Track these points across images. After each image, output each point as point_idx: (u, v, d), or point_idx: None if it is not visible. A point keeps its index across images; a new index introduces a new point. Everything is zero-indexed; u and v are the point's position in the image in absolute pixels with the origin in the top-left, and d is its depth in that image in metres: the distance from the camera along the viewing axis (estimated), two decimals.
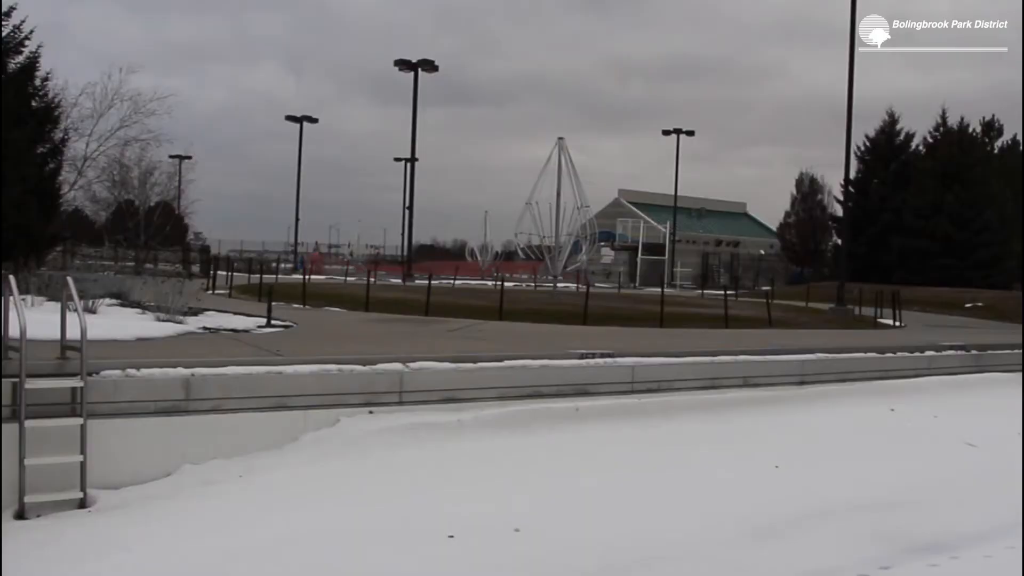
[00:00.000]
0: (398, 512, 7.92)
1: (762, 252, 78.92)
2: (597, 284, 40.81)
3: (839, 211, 60.45)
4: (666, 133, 70.15)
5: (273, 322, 16.28)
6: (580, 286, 41.77)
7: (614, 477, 9.24)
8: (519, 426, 10.58)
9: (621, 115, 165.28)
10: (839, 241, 59.35)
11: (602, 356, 12.76)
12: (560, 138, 36.81)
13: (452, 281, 46.33)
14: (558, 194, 36.02)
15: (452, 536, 7.28)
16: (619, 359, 12.83)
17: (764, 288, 47.45)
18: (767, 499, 8.72)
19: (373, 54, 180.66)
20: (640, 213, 76.59)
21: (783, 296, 37.82)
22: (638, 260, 69.14)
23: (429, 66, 55.29)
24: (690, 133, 70.52)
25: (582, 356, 12.62)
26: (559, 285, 39.06)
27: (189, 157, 49.01)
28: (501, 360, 11.91)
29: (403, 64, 55.27)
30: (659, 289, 31.96)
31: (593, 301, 23.84)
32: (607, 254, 66.95)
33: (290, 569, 6.63)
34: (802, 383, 14.43)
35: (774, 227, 79.27)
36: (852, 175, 45.45)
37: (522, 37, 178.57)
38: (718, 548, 7.36)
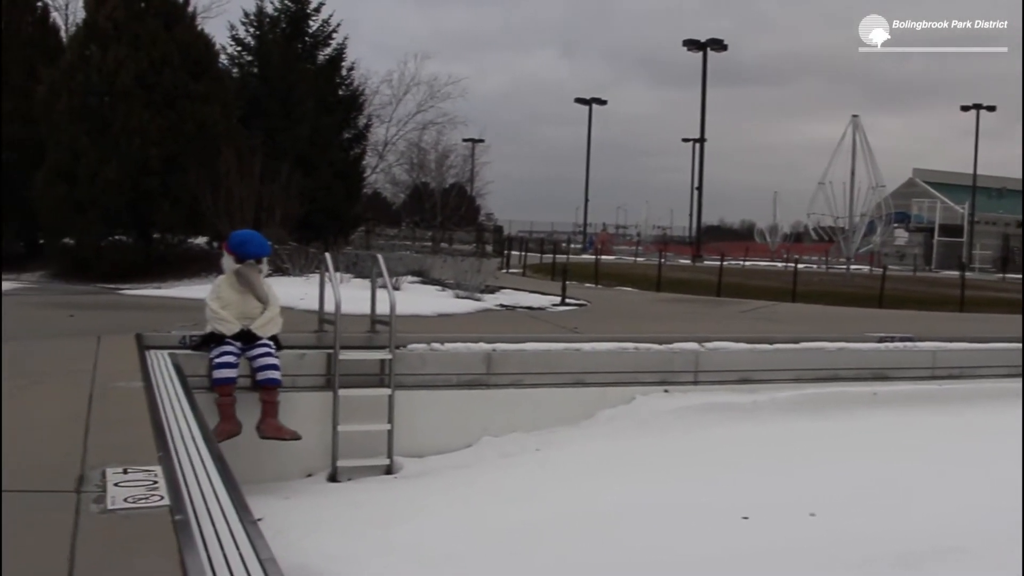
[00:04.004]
0: (692, 491, 7.83)
1: None
2: (891, 266, 39.26)
3: None
4: (964, 109, 66.35)
5: (567, 300, 16.49)
6: (873, 268, 40.23)
7: (912, 464, 8.79)
8: (815, 409, 10.27)
9: (901, 91, 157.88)
10: None
11: (901, 340, 12.19)
12: (855, 116, 35.70)
13: (741, 262, 45.57)
14: (852, 173, 34.92)
15: (747, 518, 7.14)
16: (919, 343, 12.22)
17: None
18: None
19: (646, 36, 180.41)
20: (936, 193, 72.62)
21: None
22: (934, 242, 65.72)
23: (718, 45, 54.65)
24: (991, 108, 66.46)
25: (880, 339, 12.11)
26: (851, 267, 37.73)
27: (482, 140, 50.45)
28: (797, 342, 11.58)
29: (691, 44, 54.87)
30: (956, 272, 30.22)
31: (888, 284, 22.98)
32: (901, 235, 64.02)
33: (586, 543, 6.67)
34: None
35: None
36: None
37: (794, 15, 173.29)
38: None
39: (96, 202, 20.54)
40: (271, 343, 8.10)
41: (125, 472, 4.26)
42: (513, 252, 36.61)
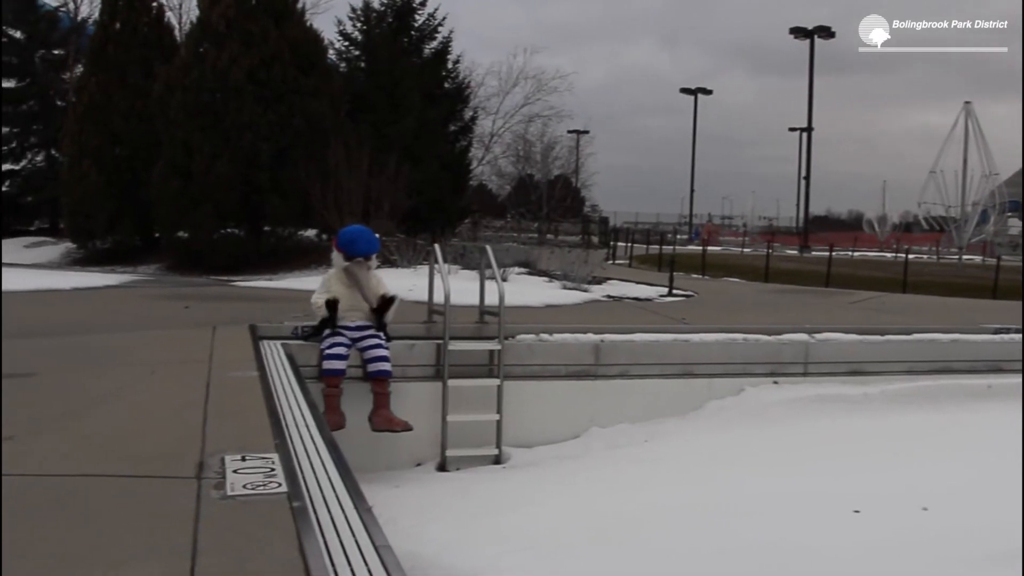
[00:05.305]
0: (802, 483, 7.70)
1: None
2: (1004, 256, 38.02)
3: None
4: None
5: (675, 291, 16.41)
6: (986, 258, 39.23)
7: None
8: (927, 402, 10.00)
9: (1014, 77, 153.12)
10: None
11: (1017, 331, 11.81)
12: (967, 103, 34.77)
13: (850, 253, 44.84)
14: (964, 161, 34.03)
15: (858, 511, 7.01)
16: None
17: None
18: None
19: (745, 25, 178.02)
20: None
21: None
22: None
23: (825, 32, 53.86)
24: None
25: (996, 331, 11.74)
26: (963, 257, 36.81)
27: (586, 132, 50.30)
28: (909, 333, 11.29)
29: (798, 32, 54.14)
30: None
31: (1002, 274, 22.56)
32: (1015, 225, 61.96)
33: (695, 534, 6.62)
34: None
35: None
36: None
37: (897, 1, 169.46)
38: None
39: (209, 196, 21.06)
40: (382, 334, 8.19)
41: (243, 459, 4.35)
42: (619, 243, 36.50)
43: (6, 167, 34.84)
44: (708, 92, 74.10)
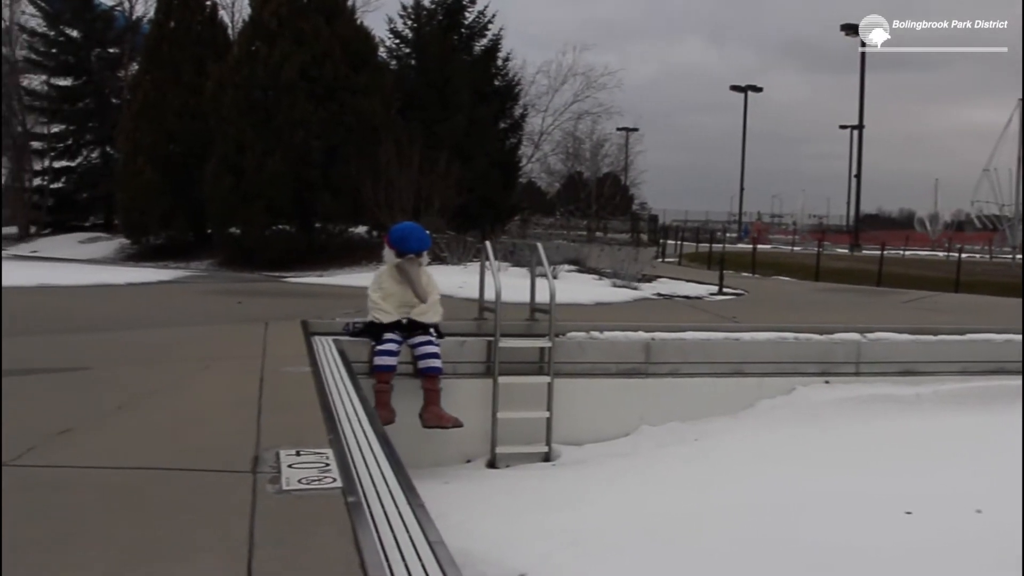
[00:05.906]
0: (854, 484, 7.63)
1: None
2: None
3: None
4: None
5: (725, 290, 16.31)
6: None
7: None
8: (980, 403, 9.85)
9: None
10: None
11: None
12: (1021, 99, 34.24)
13: (901, 252, 44.39)
14: (1019, 159, 33.62)
15: (909, 513, 6.94)
16: None
17: None
18: None
19: (794, 21, 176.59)
20: None
21: None
22: None
23: None
24: None
25: None
26: (1017, 256, 36.33)
27: (636, 129, 50.11)
28: (962, 333, 11.14)
29: (848, 28, 53.70)
30: None
31: None
32: None
33: (746, 534, 6.57)
34: None
35: None
36: None
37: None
38: None
39: (261, 193, 21.24)
40: (432, 331, 8.22)
41: (298, 454, 4.39)
42: (668, 241, 36.39)
43: (62, 164, 35.44)
44: (758, 89, 73.59)
